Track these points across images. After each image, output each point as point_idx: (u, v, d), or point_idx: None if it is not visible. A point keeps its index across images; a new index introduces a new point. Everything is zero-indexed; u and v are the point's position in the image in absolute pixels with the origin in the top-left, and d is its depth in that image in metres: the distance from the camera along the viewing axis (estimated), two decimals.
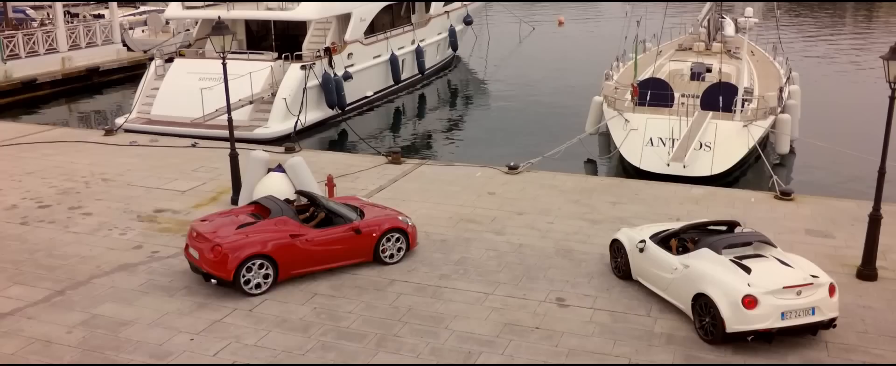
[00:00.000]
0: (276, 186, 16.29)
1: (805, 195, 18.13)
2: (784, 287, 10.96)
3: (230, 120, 17.62)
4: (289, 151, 22.12)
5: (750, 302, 10.82)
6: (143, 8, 52.87)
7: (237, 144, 22.76)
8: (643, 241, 12.90)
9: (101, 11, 48.38)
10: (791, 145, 24.02)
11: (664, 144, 21.56)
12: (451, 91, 36.51)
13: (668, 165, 20.47)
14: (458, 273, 13.72)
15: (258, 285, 12.86)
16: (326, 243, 13.47)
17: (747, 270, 11.23)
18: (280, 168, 16.57)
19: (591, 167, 23.60)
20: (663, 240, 12.79)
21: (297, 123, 26.23)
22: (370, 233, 13.82)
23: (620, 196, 18.05)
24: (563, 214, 16.68)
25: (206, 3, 30.63)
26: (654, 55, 30.72)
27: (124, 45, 42.08)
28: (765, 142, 23.08)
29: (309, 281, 13.40)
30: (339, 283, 13.35)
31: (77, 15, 46.59)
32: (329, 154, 22.17)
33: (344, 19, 30.82)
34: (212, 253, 12.64)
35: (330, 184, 16.93)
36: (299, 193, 15.09)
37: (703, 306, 11.37)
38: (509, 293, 12.92)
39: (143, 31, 46.53)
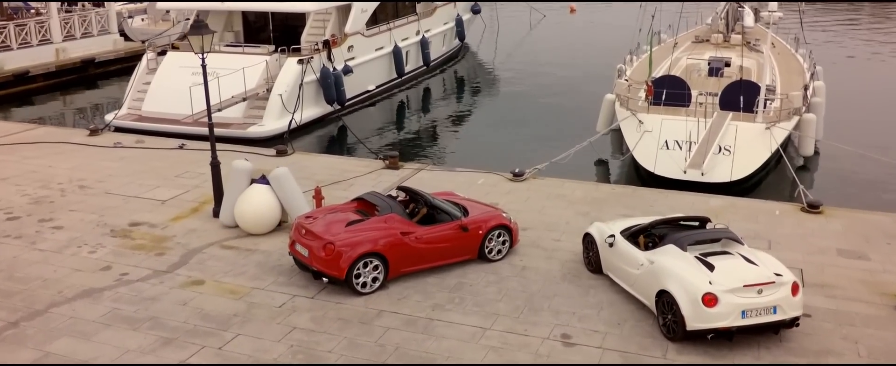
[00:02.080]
0: (259, 199, 15.05)
1: (834, 207, 16.70)
2: (745, 285, 10.77)
3: (211, 128, 16.36)
4: (280, 153, 20.85)
5: (710, 300, 10.67)
6: None
7: (226, 146, 21.81)
8: (612, 235, 12.77)
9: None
10: (815, 147, 22.51)
11: (680, 148, 20.15)
12: (458, 84, 35.10)
13: (685, 172, 19.06)
14: (453, 302, 12.44)
15: (366, 284, 12.59)
16: (435, 241, 13.17)
17: (711, 267, 11.09)
18: (264, 179, 15.30)
19: (602, 170, 22.20)
20: (633, 235, 12.61)
21: (291, 121, 24.91)
22: (476, 230, 13.48)
23: (633, 208, 16.68)
24: (570, 230, 15.34)
25: None
26: (669, 48, 29.21)
27: (122, 34, 40.90)
28: (786, 142, 21.62)
29: (289, 314, 12.15)
30: (322, 314, 12.09)
31: (76, 2, 45.30)
32: (323, 158, 20.87)
33: (344, 10, 29.44)
34: (324, 251, 12.36)
35: (318, 196, 15.65)
36: (400, 188, 14.55)
37: (666, 303, 11.20)
38: (509, 328, 11.63)
39: (142, 19, 45.26)
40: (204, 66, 15.55)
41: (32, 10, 40.82)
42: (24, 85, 33.61)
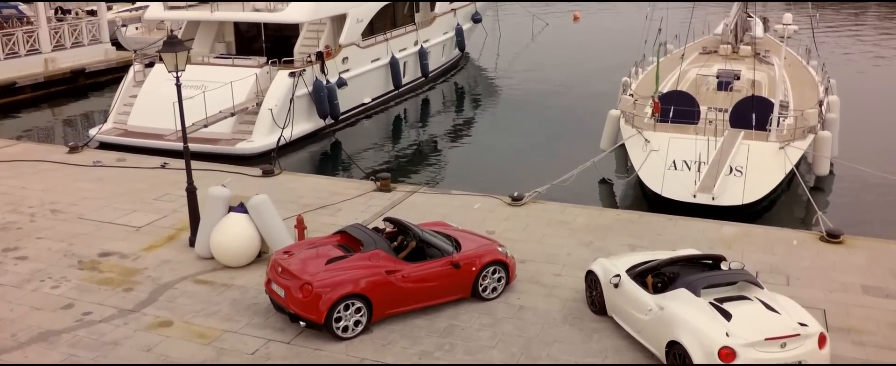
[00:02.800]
0: (236, 230, 13.96)
1: (855, 236, 15.56)
2: (766, 338, 9.76)
3: (187, 151, 15.27)
4: (266, 173, 19.77)
5: (727, 355, 9.68)
6: (139, 4, 50.59)
7: (211, 165, 20.75)
8: (618, 275, 11.69)
9: (95, 8, 46.22)
10: (830, 167, 21.37)
11: (689, 169, 19.01)
12: (457, 96, 33.99)
13: (695, 195, 17.92)
14: (442, 349, 11.32)
15: (347, 329, 11.51)
16: (424, 280, 12.11)
17: (727, 315, 10.08)
18: (242, 208, 14.21)
19: (607, 191, 21.06)
20: (641, 274, 11.58)
21: (280, 138, 23.81)
22: (469, 267, 12.44)
23: (640, 236, 15.56)
24: (573, 263, 14.22)
25: (190, 3, 28.21)
26: (676, 59, 28.06)
27: (114, 43, 39.91)
28: (799, 161, 20.47)
29: (261, 362, 11.05)
30: (298, 363, 10.98)
31: (69, 12, 44.34)
32: (311, 178, 19.77)
33: (339, 21, 28.38)
34: (301, 292, 11.30)
35: (300, 226, 14.55)
36: (388, 220, 13.33)
37: (677, 355, 10.20)
38: None
39: (137, 28, 44.26)
40: (178, 86, 14.48)
41: (25, 18, 39.90)
42: (11, 97, 32.59)
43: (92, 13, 42.10)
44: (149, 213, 17.09)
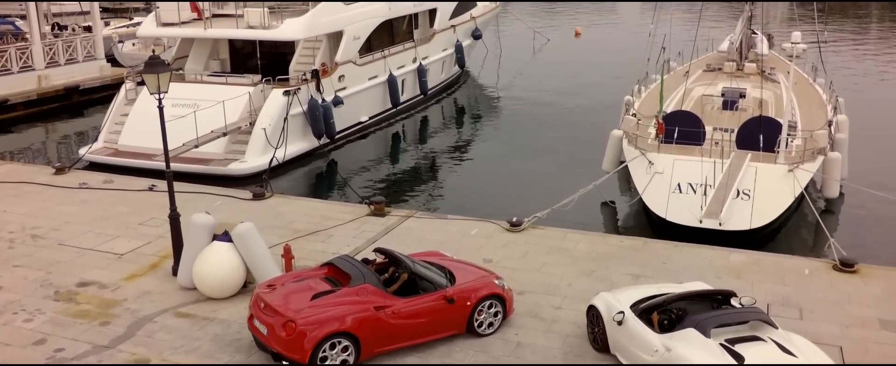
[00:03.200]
0: (220, 260, 13.29)
1: (870, 265, 14.85)
2: None
3: (169, 177, 14.64)
4: (257, 196, 19.11)
5: None
6: (137, 19, 50.16)
7: (201, 187, 20.05)
8: (622, 312, 11.00)
9: (91, 24, 45.76)
10: (840, 189, 20.67)
11: (694, 192, 18.34)
12: (456, 114, 33.37)
13: (701, 221, 17.22)
14: None
15: None
16: (415, 316, 11.40)
17: (739, 358, 9.45)
18: (226, 236, 13.54)
19: (609, 215, 20.36)
20: (646, 311, 10.87)
21: (272, 159, 23.16)
22: (464, 301, 11.73)
23: (644, 265, 14.86)
24: (574, 294, 13.53)
25: (183, 20, 27.67)
26: (680, 77, 27.50)
27: (110, 60, 39.41)
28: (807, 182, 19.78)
29: None
30: None
31: (66, 28, 43.92)
32: (302, 202, 19.10)
33: (335, 38, 27.82)
34: (284, 330, 10.64)
35: (287, 256, 13.87)
36: (378, 250, 12.62)
37: None
38: None
39: (133, 44, 43.76)
40: (160, 108, 13.87)
41: (21, 35, 39.43)
42: (4, 114, 32.05)
43: (89, 29, 41.69)
44: (132, 238, 16.43)
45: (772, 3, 58.32)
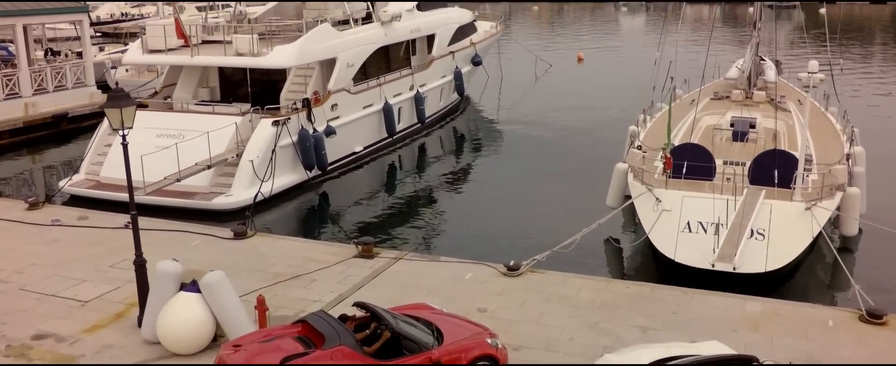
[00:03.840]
0: (187, 312, 12.11)
1: None
2: None
3: (135, 219, 13.47)
4: (238, 235, 17.94)
5: None
6: (132, 45, 49.32)
7: (181, 225, 18.84)
8: None
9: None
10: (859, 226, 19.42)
11: (705, 231, 17.12)
12: (455, 144, 32.25)
13: (714, 265, 15.98)
14: None
15: None
16: None
17: None
18: (194, 286, 12.36)
19: (614, 255, 19.11)
20: None
21: (257, 194, 21.99)
22: (453, 364, 10.65)
23: (653, 316, 13.64)
24: (576, 350, 12.31)
25: (169, 47, 26.64)
26: (686, 106, 26.38)
27: (101, 86, 38.45)
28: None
29: None
30: None
31: (59, 53, 43.06)
32: (286, 242, 17.92)
33: (328, 65, 26.77)
34: None
35: (261, 307, 12.67)
36: (358, 305, 11.42)
37: None
38: None
39: (126, 70, 42.87)
40: (125, 146, 12.75)
41: (11, 60, 38.54)
42: None
43: (82, 55, 40.81)
44: (100, 283, 15.26)
45: (778, 27, 57.44)
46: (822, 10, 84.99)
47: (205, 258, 16.49)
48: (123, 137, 12.62)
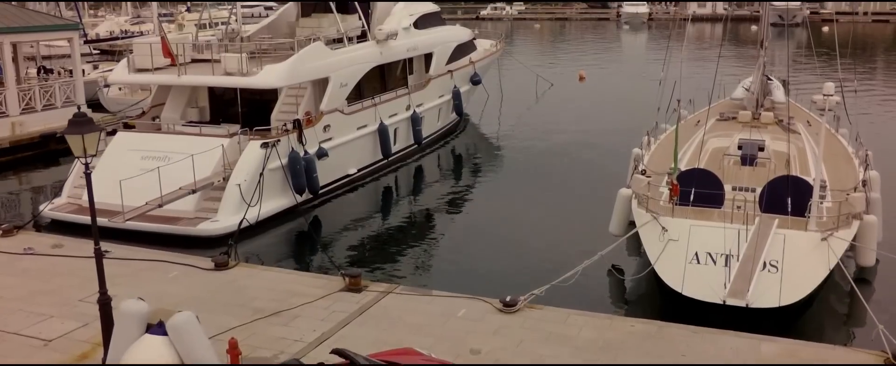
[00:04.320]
0: (151, 357, 11.05)
1: None
2: None
3: (99, 254, 12.49)
4: (219, 266, 16.94)
5: None
6: (117, 64, 48.47)
7: (161, 254, 17.77)
8: None
9: (82, 67, 44.08)
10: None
11: (714, 263, 16.09)
12: (452, 166, 31.29)
13: (725, 301, 14.92)
14: None
15: None
16: None
17: None
18: (160, 328, 11.34)
19: (617, 288, 18.04)
20: None
21: (242, 221, 20.99)
22: None
23: (660, 357, 12.63)
24: None
25: (156, 66, 25.77)
26: (691, 127, 25.44)
27: (92, 104, 37.65)
28: None
29: None
30: None
31: (51, 71, 42.29)
32: (269, 273, 16.89)
33: (321, 85, 25.88)
34: None
35: (233, 351, 11.66)
36: (336, 352, 10.32)
37: None
38: None
39: (119, 88, 42.04)
40: (88, 176, 11.79)
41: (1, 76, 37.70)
42: None
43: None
44: (68, 319, 14.26)
45: (781, 46, 56.69)
46: (825, 29, 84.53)
47: (181, 291, 15.50)
48: (86, 165, 11.65)
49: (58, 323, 14.09)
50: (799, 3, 78.82)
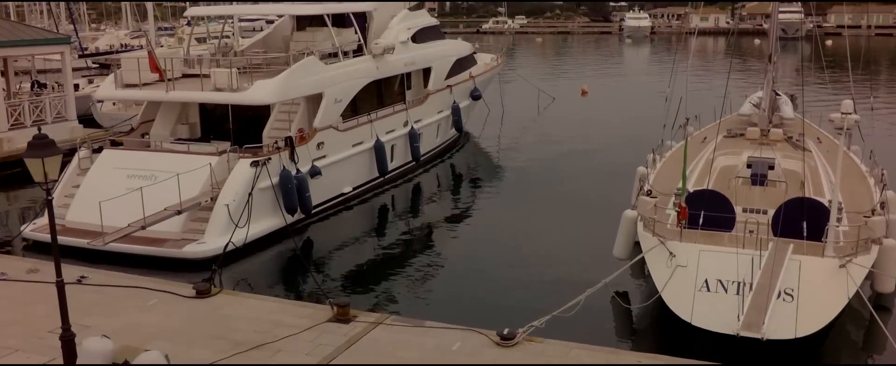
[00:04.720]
0: None
1: None
2: None
3: (61, 287, 11.58)
4: (201, 293, 16.01)
5: None
6: (105, 80, 47.65)
7: (143, 280, 16.74)
8: None
9: (78, 81, 43.33)
10: None
11: (725, 291, 15.15)
12: (451, 184, 30.38)
13: (738, 333, 13.94)
14: None
15: None
16: None
17: None
18: None
19: (622, 318, 17.02)
20: None
21: (227, 244, 20.07)
22: None
23: None
24: None
25: (144, 82, 24.93)
26: (698, 144, 24.50)
27: (84, 119, 36.82)
28: None
29: None
30: None
31: (45, 86, 41.52)
32: (253, 301, 15.94)
33: (314, 101, 25.03)
34: None
35: None
36: None
37: None
38: None
39: (113, 104, 41.24)
40: (49, 201, 10.89)
41: None
42: None
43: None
44: (35, 353, 13.34)
45: (784, 59, 55.82)
46: (829, 42, 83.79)
47: (159, 321, 14.58)
48: (48, 191, 10.79)
49: (21, 358, 13.17)
50: (801, 12, 77.81)
